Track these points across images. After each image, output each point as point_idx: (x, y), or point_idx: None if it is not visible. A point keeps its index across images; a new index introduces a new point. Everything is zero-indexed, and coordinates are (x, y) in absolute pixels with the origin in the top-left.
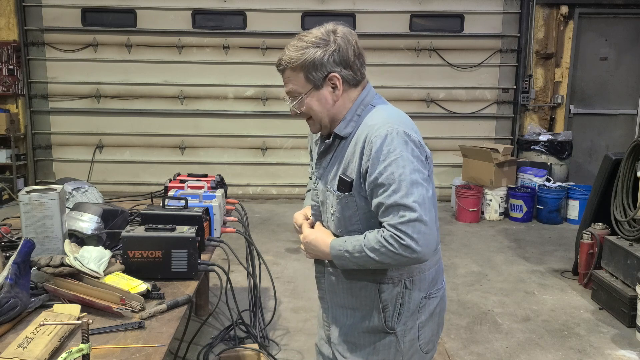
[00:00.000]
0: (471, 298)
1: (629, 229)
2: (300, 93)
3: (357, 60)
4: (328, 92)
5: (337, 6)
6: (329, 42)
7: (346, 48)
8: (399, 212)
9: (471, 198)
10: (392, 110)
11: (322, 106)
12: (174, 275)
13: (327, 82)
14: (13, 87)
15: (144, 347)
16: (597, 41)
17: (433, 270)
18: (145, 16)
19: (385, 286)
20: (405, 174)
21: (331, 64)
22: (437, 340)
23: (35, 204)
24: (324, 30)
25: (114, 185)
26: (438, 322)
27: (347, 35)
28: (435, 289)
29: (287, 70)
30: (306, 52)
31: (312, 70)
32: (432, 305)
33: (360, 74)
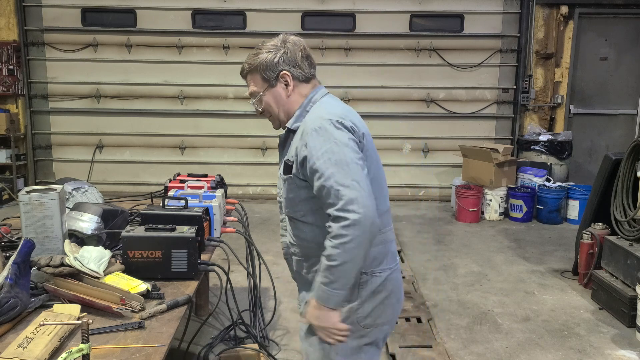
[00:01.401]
0: (471, 298)
1: (629, 229)
2: (258, 92)
3: (305, 61)
4: (281, 89)
5: (337, 6)
6: (279, 47)
7: (294, 50)
8: (337, 195)
9: (471, 198)
10: (331, 103)
11: (277, 101)
12: (174, 275)
13: (280, 79)
14: (13, 87)
15: (144, 347)
16: (597, 41)
17: (375, 249)
18: (145, 16)
19: None
20: (339, 157)
21: (281, 64)
22: (381, 320)
23: (35, 204)
24: (277, 39)
25: (114, 185)
26: (383, 302)
27: (296, 41)
28: (379, 268)
29: (248, 75)
30: (260, 56)
31: (266, 71)
32: (374, 283)
33: (309, 72)
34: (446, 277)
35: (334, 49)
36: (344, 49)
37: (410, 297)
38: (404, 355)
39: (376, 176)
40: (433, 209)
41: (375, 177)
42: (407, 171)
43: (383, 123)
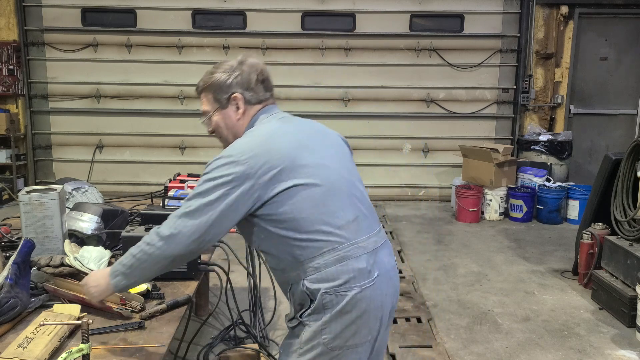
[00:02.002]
0: (471, 298)
1: (629, 229)
2: (209, 111)
3: (260, 85)
4: (232, 111)
5: (337, 6)
6: (235, 69)
7: (249, 73)
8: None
9: (471, 198)
10: (251, 135)
11: (227, 123)
12: (174, 275)
13: (231, 101)
14: (13, 87)
15: (144, 347)
16: (597, 41)
17: (333, 268)
18: (145, 16)
19: (294, 286)
20: (195, 188)
21: (234, 86)
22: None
23: (35, 204)
24: (235, 60)
25: (114, 185)
26: (353, 322)
27: (254, 64)
28: (344, 287)
29: (202, 92)
30: (214, 76)
31: (218, 91)
32: (340, 303)
33: (263, 95)
34: (446, 277)
35: (334, 49)
36: (344, 49)
37: (410, 297)
38: (404, 355)
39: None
40: (433, 209)
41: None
42: (407, 171)
43: (383, 123)
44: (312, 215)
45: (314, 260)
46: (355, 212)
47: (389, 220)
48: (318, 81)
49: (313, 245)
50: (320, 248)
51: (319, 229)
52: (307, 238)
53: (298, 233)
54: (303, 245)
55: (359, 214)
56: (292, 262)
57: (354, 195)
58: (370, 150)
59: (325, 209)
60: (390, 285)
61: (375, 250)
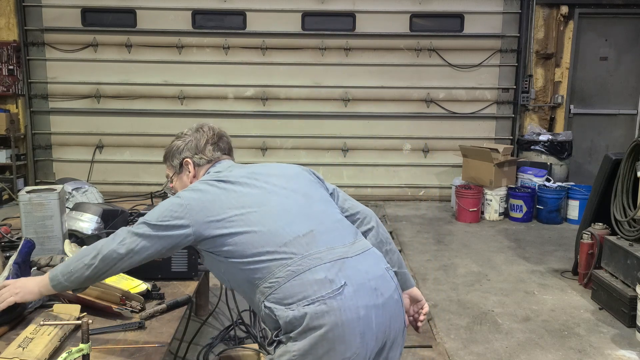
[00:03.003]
0: (471, 298)
1: (629, 229)
2: (169, 176)
3: (210, 146)
4: (185, 175)
5: (337, 6)
6: (189, 136)
7: (200, 138)
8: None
9: (471, 198)
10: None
11: (182, 186)
12: (174, 275)
13: (184, 166)
14: (13, 87)
15: (144, 347)
16: (597, 41)
17: (289, 284)
18: (145, 16)
19: (261, 311)
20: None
21: (184, 151)
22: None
23: (35, 204)
24: (192, 127)
25: (114, 185)
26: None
27: (207, 129)
28: (304, 301)
29: (165, 161)
30: (173, 143)
31: (172, 158)
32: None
33: (212, 155)
34: (446, 277)
35: (334, 49)
36: (344, 49)
37: None
38: (404, 355)
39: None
40: (433, 209)
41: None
42: (407, 171)
43: (383, 123)
44: (250, 240)
45: (266, 281)
46: (308, 227)
47: (389, 220)
48: (318, 81)
49: (261, 266)
50: (268, 267)
51: (261, 251)
52: (253, 261)
53: (243, 258)
54: (252, 268)
55: (314, 229)
56: (250, 287)
57: (308, 214)
58: (370, 150)
59: (266, 233)
60: (374, 295)
61: (342, 260)
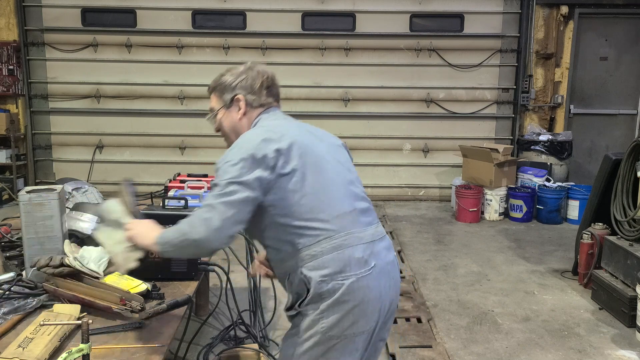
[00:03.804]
0: (471, 298)
1: (629, 229)
2: (214, 109)
3: (264, 90)
4: (234, 111)
5: (337, 6)
6: (242, 72)
7: (255, 78)
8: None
9: (471, 198)
10: (257, 128)
11: (229, 122)
12: (174, 275)
13: (235, 102)
14: (13, 87)
15: (144, 347)
16: (597, 41)
17: (329, 256)
18: (145, 16)
19: (292, 275)
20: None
21: (238, 88)
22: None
23: (35, 204)
24: (245, 65)
25: (114, 185)
26: (350, 312)
27: (261, 70)
28: (340, 276)
29: (211, 92)
30: (223, 77)
31: (223, 92)
32: (337, 292)
33: (265, 100)
34: (446, 277)
35: (334, 49)
36: (344, 49)
37: (410, 297)
38: (404, 355)
39: (314, 184)
40: (433, 209)
41: (312, 186)
42: (407, 171)
43: (383, 123)
44: (311, 203)
45: (310, 248)
46: (352, 205)
47: (389, 220)
48: (318, 81)
49: (310, 232)
50: (317, 236)
51: (316, 217)
52: (305, 225)
53: (296, 220)
54: (300, 232)
55: (356, 208)
56: (290, 251)
57: (352, 191)
58: (370, 150)
59: (324, 197)
60: (389, 278)
61: (373, 242)
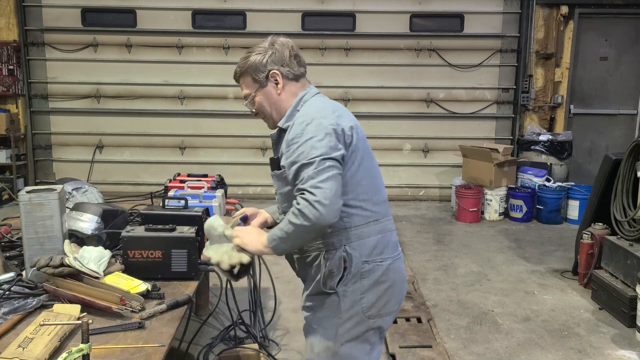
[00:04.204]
0: (471, 298)
1: (629, 229)
2: (250, 93)
3: (294, 60)
4: (272, 87)
5: (337, 6)
6: (268, 49)
7: (282, 50)
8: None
9: (471, 198)
10: (318, 102)
11: (269, 100)
12: (174, 275)
13: (270, 79)
14: (13, 87)
15: (144, 347)
16: (597, 41)
17: (374, 238)
18: (145, 16)
19: (329, 253)
20: (311, 151)
21: (270, 64)
22: (385, 311)
23: (35, 204)
24: (265, 42)
25: (114, 185)
26: (386, 292)
27: (284, 42)
28: (380, 257)
29: (240, 78)
30: (250, 59)
31: (256, 72)
32: (377, 273)
33: (298, 70)
34: (446, 277)
35: (334, 49)
36: (344, 49)
37: (410, 297)
38: (404, 355)
39: (369, 168)
40: (433, 209)
41: (368, 169)
42: (407, 171)
43: (383, 123)
44: (367, 185)
45: (359, 228)
46: (384, 195)
47: None
48: (318, 81)
49: (362, 213)
50: (367, 217)
51: (370, 199)
52: (359, 205)
53: (352, 200)
54: (352, 212)
55: (386, 198)
56: (338, 228)
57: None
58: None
59: (375, 182)
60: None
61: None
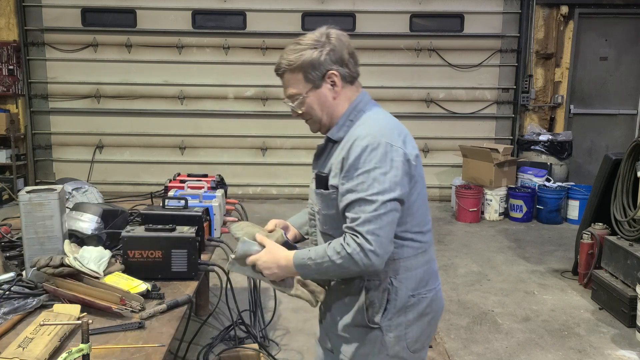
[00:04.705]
0: (471, 298)
1: (629, 229)
2: (300, 94)
3: (351, 59)
4: (327, 90)
5: (337, 6)
6: (325, 43)
7: (341, 47)
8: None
9: (471, 198)
10: (380, 118)
11: (322, 104)
12: (174, 275)
13: (326, 79)
14: (13, 87)
15: (144, 347)
16: (597, 41)
17: (421, 270)
18: (145, 16)
19: (371, 283)
20: (373, 185)
21: (328, 62)
22: (427, 342)
23: (35, 204)
24: (319, 33)
25: (114, 185)
26: (429, 324)
27: (340, 36)
28: (425, 289)
29: (286, 73)
30: (304, 54)
31: (310, 70)
32: (422, 305)
33: (355, 71)
34: (446, 277)
35: None
36: None
37: None
38: None
39: (423, 197)
40: (433, 209)
41: (423, 198)
42: None
43: None
44: (420, 215)
45: (408, 260)
46: (430, 220)
47: None
48: None
49: (412, 245)
50: (417, 248)
51: (420, 230)
52: (411, 238)
53: (404, 232)
54: (403, 244)
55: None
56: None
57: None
58: None
59: (426, 209)
60: None
61: None
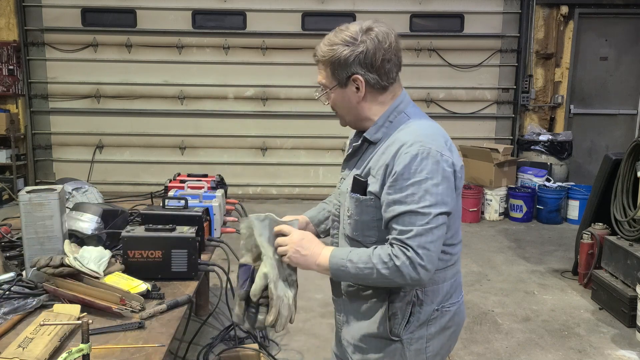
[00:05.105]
0: (471, 298)
1: (629, 229)
2: (327, 86)
3: (387, 64)
4: (351, 92)
5: (337, 6)
6: (359, 42)
7: (375, 50)
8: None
9: (471, 198)
10: (427, 125)
11: (345, 104)
12: (174, 275)
13: (351, 82)
14: (13, 87)
15: (144, 347)
16: (597, 41)
17: (448, 283)
18: (145, 16)
19: (396, 295)
20: (425, 197)
21: (356, 65)
22: (447, 354)
23: (35, 204)
24: (359, 27)
25: (114, 185)
26: (450, 337)
27: (380, 36)
28: (449, 302)
29: (319, 63)
30: (334, 49)
31: (337, 68)
32: (445, 318)
33: (388, 79)
34: None
35: None
36: None
37: None
38: None
39: (459, 206)
40: None
41: (459, 210)
42: None
43: None
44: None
45: (437, 273)
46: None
47: None
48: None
49: (443, 257)
50: (447, 261)
51: (452, 242)
52: (443, 250)
53: (444, 245)
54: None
55: None
56: None
57: None
58: None
59: (459, 221)
60: None
61: None
